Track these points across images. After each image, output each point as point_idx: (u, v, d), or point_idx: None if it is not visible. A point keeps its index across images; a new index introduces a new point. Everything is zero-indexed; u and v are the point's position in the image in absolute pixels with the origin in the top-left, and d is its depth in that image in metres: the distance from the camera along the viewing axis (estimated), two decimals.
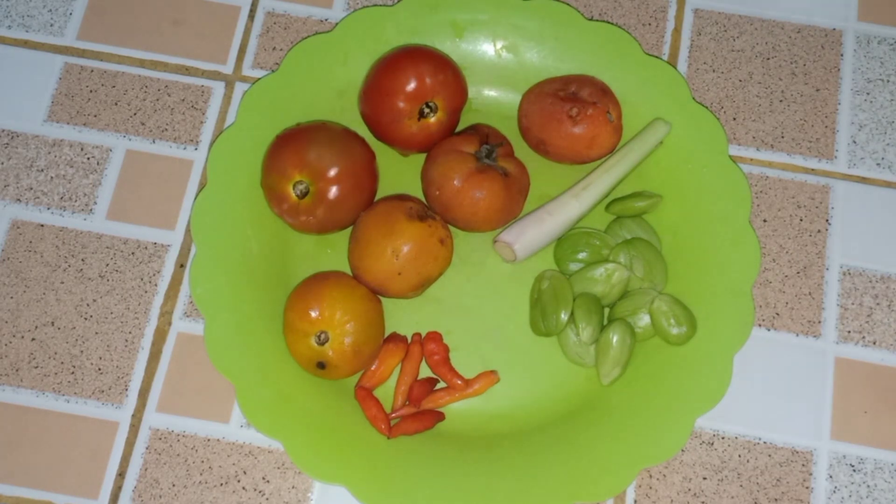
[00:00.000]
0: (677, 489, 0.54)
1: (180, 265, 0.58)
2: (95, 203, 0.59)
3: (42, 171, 0.59)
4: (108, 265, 0.58)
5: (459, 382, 0.55)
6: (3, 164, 0.59)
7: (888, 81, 0.63)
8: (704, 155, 0.57)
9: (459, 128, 0.58)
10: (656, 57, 0.59)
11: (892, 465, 0.55)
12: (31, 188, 0.59)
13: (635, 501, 0.54)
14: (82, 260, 0.58)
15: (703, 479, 0.54)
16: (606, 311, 0.56)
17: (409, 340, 0.56)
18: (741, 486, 0.54)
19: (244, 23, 0.63)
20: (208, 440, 0.54)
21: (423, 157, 0.57)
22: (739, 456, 0.55)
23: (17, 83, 0.61)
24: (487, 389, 0.55)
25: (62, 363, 0.56)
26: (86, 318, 0.56)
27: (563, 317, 0.54)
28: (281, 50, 0.63)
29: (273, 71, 0.59)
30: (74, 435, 0.54)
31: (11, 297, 0.57)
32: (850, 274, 0.58)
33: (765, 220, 0.60)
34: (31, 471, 0.54)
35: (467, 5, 0.60)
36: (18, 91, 0.61)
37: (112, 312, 0.57)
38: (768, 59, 0.63)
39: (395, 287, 0.54)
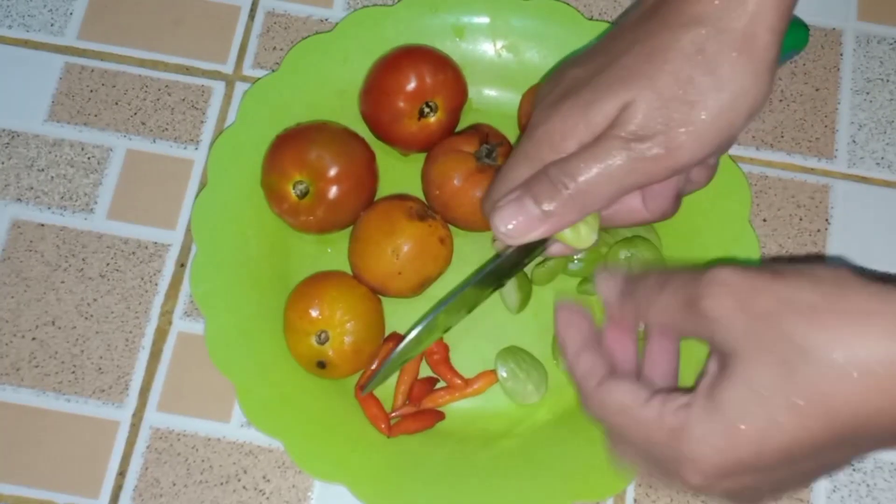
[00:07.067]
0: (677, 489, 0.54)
1: (181, 265, 0.58)
2: (96, 202, 0.59)
3: (42, 170, 0.59)
4: (108, 265, 0.58)
5: (459, 382, 0.55)
6: (3, 163, 0.59)
7: (888, 81, 0.63)
8: None
9: (459, 128, 0.58)
10: None
11: (892, 464, 0.55)
12: (32, 188, 0.59)
13: (635, 501, 0.54)
14: (83, 259, 0.58)
15: None
16: None
17: None
18: None
19: (244, 22, 0.63)
20: (209, 439, 0.54)
21: (423, 157, 0.57)
22: None
23: (17, 83, 0.61)
24: (487, 389, 0.55)
25: (63, 362, 0.56)
26: (86, 318, 0.56)
27: None
28: (281, 50, 0.63)
29: (273, 71, 0.59)
30: (75, 434, 0.54)
31: (12, 297, 0.57)
32: None
33: (764, 220, 0.60)
34: (31, 470, 0.54)
35: (467, 5, 0.60)
36: (19, 91, 0.61)
37: (112, 312, 0.57)
38: None
39: (395, 286, 0.54)
